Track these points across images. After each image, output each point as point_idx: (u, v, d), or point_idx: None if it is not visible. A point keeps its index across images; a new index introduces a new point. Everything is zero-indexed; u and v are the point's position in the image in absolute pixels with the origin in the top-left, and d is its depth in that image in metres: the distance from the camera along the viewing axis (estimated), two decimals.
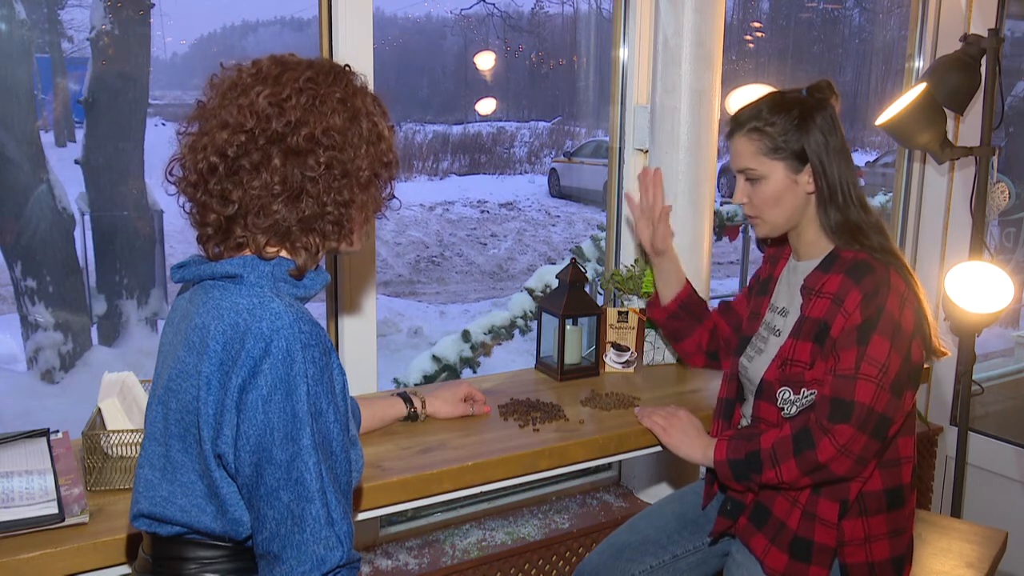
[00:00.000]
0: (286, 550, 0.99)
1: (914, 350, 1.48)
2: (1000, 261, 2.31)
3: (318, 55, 1.85)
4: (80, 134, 5.09)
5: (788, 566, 1.53)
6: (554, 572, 2.20)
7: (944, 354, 1.57)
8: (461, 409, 1.79)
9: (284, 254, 1.12)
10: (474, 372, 3.11)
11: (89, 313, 4.93)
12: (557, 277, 2.11)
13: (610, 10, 2.56)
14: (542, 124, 17.98)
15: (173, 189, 1.13)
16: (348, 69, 1.16)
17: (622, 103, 2.39)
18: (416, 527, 2.20)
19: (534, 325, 2.30)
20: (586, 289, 2.09)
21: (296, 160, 1.08)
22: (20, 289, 4.65)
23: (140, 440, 1.41)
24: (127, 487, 1.41)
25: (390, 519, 2.19)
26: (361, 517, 1.49)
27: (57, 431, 1.55)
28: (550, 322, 2.12)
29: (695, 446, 1.65)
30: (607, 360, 2.14)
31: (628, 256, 2.38)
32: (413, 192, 12.47)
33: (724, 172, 12.13)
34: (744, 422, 1.71)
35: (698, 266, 2.24)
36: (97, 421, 1.48)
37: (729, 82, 2.26)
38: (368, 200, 1.16)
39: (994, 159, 2.37)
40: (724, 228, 4.65)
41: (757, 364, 1.63)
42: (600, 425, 1.78)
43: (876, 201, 3.90)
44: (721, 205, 4.69)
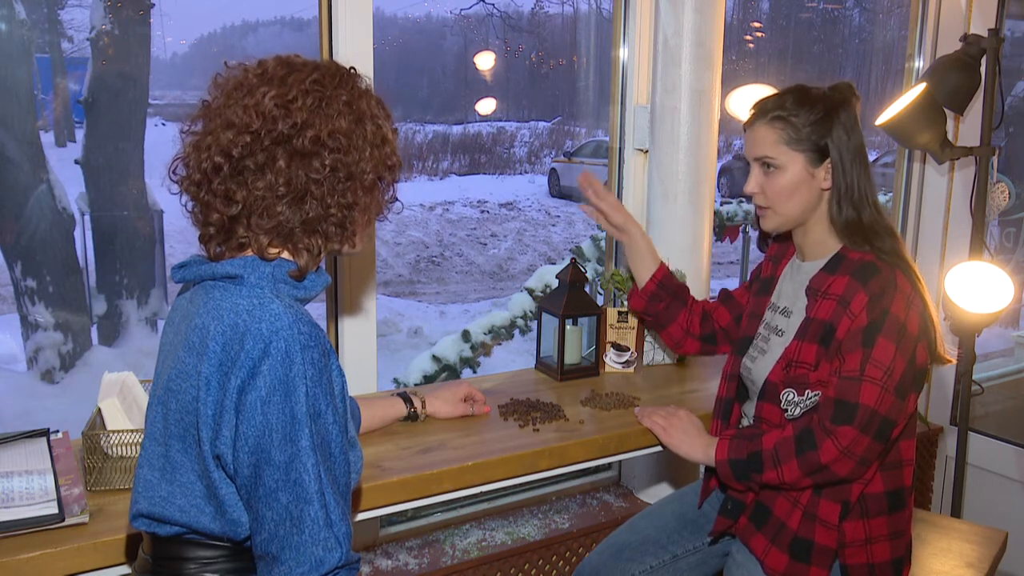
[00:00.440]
0: (285, 551, 0.99)
1: (919, 353, 1.47)
2: (1000, 261, 2.31)
3: (318, 55, 1.85)
4: (80, 134, 5.09)
5: (788, 567, 1.53)
6: (554, 572, 2.20)
7: (949, 362, 1.57)
8: (461, 409, 1.79)
9: (286, 255, 1.12)
10: (474, 372, 3.10)
11: (89, 313, 4.93)
12: (557, 277, 2.11)
13: (610, 10, 2.56)
14: (542, 124, 18.00)
15: (176, 188, 1.13)
16: (353, 71, 1.16)
17: (622, 103, 2.39)
18: (416, 527, 2.20)
19: (534, 325, 2.30)
20: (586, 289, 2.09)
21: (301, 162, 1.08)
22: (20, 289, 4.65)
23: (140, 440, 1.41)
24: (127, 487, 1.41)
25: (390, 519, 2.19)
26: (361, 517, 1.49)
27: (57, 431, 1.55)
28: (550, 322, 2.12)
29: (695, 445, 1.65)
30: (607, 360, 2.14)
31: None
32: (413, 192, 12.48)
33: (724, 172, 12.16)
34: (745, 422, 1.71)
35: (698, 266, 2.24)
36: (97, 421, 1.48)
37: (729, 82, 2.26)
38: (371, 203, 1.16)
39: (994, 159, 2.36)
40: (724, 228, 4.64)
41: (760, 365, 1.62)
42: (600, 425, 1.78)
43: None
44: (721, 205, 4.69)
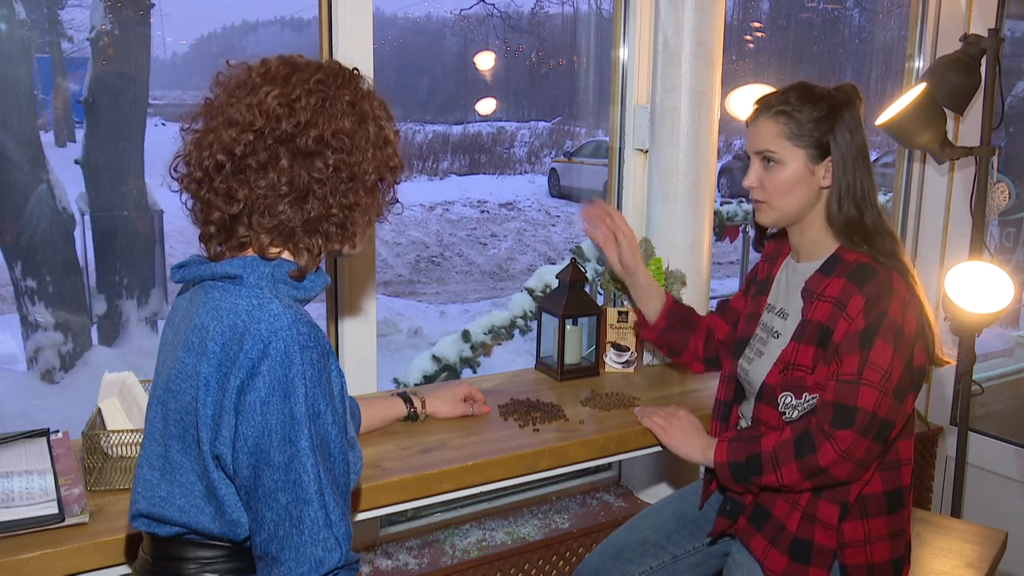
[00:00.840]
0: (284, 552, 0.99)
1: (916, 354, 1.47)
2: (1000, 261, 2.31)
3: (318, 55, 1.85)
4: (80, 134, 5.09)
5: (788, 567, 1.53)
6: (554, 572, 2.20)
7: (947, 363, 1.56)
8: (461, 409, 1.79)
9: (286, 255, 1.12)
10: (474, 372, 3.10)
11: (89, 313, 4.93)
12: (557, 277, 2.11)
13: (610, 10, 2.56)
14: (542, 124, 17.99)
15: (176, 186, 1.12)
16: (357, 72, 1.16)
17: (622, 103, 2.39)
18: (416, 527, 2.20)
19: (534, 325, 2.30)
20: (586, 289, 2.09)
21: (304, 161, 1.07)
22: (20, 289, 4.65)
23: (140, 440, 1.41)
24: (127, 487, 1.41)
25: (390, 519, 2.19)
26: (361, 517, 1.49)
27: (57, 431, 1.55)
28: (550, 322, 2.12)
29: (695, 446, 1.65)
30: (607, 360, 2.14)
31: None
32: (413, 192, 12.47)
33: (724, 172, 12.16)
34: (743, 423, 1.71)
35: (698, 266, 2.24)
36: (97, 421, 1.48)
37: (729, 82, 2.26)
38: (372, 204, 1.16)
39: (994, 159, 2.36)
40: (724, 228, 4.64)
41: (757, 367, 1.62)
42: (600, 425, 1.78)
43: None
44: (721, 205, 4.69)
